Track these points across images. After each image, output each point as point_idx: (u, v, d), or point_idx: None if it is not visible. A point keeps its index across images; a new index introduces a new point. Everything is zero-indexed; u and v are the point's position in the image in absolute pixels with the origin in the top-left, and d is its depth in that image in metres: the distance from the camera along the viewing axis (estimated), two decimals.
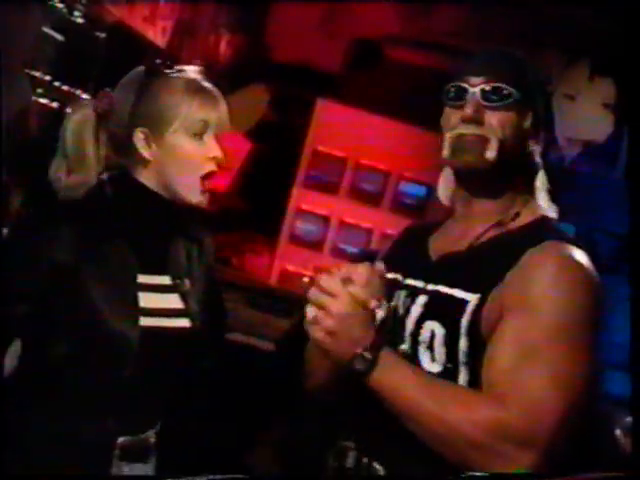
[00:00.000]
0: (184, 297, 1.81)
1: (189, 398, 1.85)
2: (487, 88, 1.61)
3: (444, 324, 1.57)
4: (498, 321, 1.50)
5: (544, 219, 1.64)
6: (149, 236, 1.81)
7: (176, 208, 1.79)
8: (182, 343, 1.80)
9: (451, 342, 1.56)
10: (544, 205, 1.67)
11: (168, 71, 1.79)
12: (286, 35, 5.23)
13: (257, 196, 4.98)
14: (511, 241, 1.60)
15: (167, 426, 1.79)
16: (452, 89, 1.62)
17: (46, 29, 3.79)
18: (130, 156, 1.78)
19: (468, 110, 1.60)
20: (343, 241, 4.93)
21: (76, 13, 3.97)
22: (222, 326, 2.04)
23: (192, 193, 1.77)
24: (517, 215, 1.64)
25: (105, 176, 1.80)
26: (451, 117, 1.63)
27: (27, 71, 3.74)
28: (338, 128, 4.95)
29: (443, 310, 1.58)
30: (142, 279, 1.77)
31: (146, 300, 1.76)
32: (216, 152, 1.76)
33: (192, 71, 1.81)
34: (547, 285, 1.48)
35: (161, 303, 1.79)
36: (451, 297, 1.58)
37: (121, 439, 1.70)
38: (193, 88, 1.76)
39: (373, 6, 5.03)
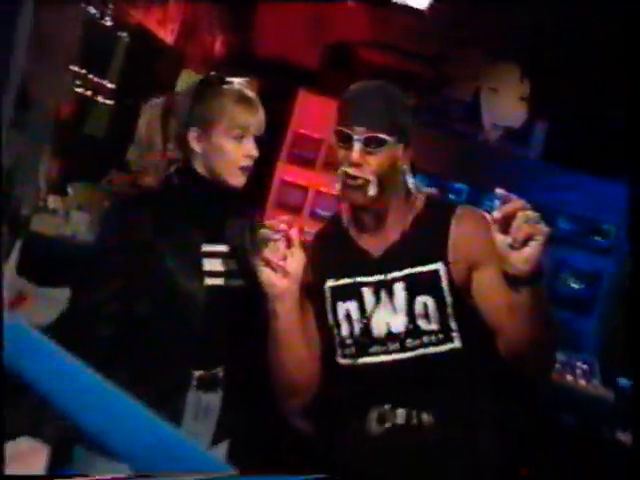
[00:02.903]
0: (239, 261, 1.94)
1: (247, 342, 1.97)
2: (368, 138, 1.74)
3: (431, 294, 1.76)
4: (463, 270, 1.72)
5: (432, 196, 1.90)
6: (208, 214, 1.92)
7: (225, 191, 1.91)
8: (239, 298, 1.92)
9: (440, 304, 1.75)
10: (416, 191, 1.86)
11: (219, 82, 1.92)
12: (274, 37, 5.60)
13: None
14: (428, 218, 1.81)
15: (232, 364, 1.94)
16: (341, 133, 1.76)
17: (82, 30, 4.28)
18: (187, 150, 1.90)
19: (354, 155, 1.74)
20: (319, 206, 5.35)
21: (106, 17, 4.53)
22: None
23: (232, 179, 1.88)
24: (412, 204, 1.83)
25: (172, 169, 1.95)
26: (339, 155, 1.77)
27: (70, 67, 4.31)
28: (316, 115, 5.28)
29: (425, 284, 1.76)
30: (205, 248, 1.90)
31: (209, 264, 1.89)
32: (252, 152, 1.88)
33: (238, 82, 1.92)
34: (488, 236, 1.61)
35: (221, 266, 1.91)
36: (423, 273, 1.76)
37: (197, 373, 1.87)
38: (236, 97, 1.87)
39: (347, 16, 5.45)
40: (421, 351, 1.77)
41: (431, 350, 1.77)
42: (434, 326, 1.76)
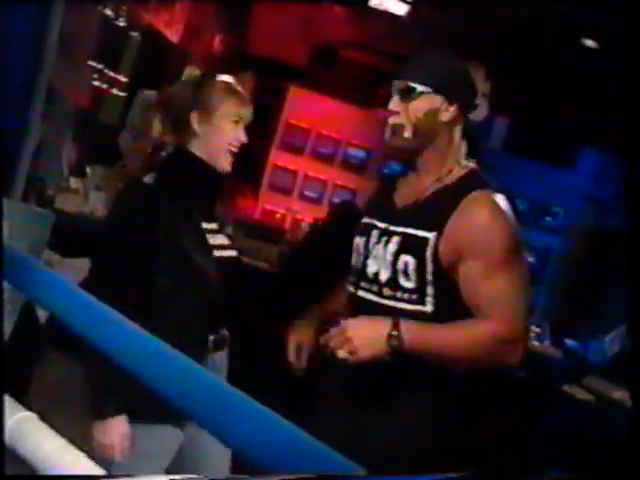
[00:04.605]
0: (228, 236, 2.08)
1: (244, 304, 2.11)
2: (401, 87, 1.85)
3: (414, 256, 1.82)
4: (451, 251, 1.77)
5: (472, 172, 1.86)
6: (203, 194, 2.04)
7: (217, 172, 2.01)
8: (234, 267, 2.09)
9: (420, 268, 1.82)
10: (466, 162, 1.88)
11: (214, 77, 2.06)
12: (268, 37, 5.88)
13: (245, 157, 5.43)
14: (451, 191, 1.83)
15: (233, 324, 2.07)
16: (388, 95, 1.89)
17: (99, 30, 4.56)
18: (186, 131, 2.00)
19: (391, 104, 1.86)
20: (307, 189, 5.82)
21: (120, 18, 4.81)
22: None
23: (221, 162, 2.00)
24: (450, 171, 1.86)
25: (164, 154, 2.04)
26: (388, 111, 1.88)
27: (89, 62, 4.63)
28: (305, 107, 5.77)
29: (412, 246, 1.82)
30: (204, 225, 2.01)
31: (212, 239, 2.00)
32: (242, 137, 2.00)
33: (227, 78, 2.05)
34: (486, 230, 1.76)
35: (217, 241, 2.03)
36: (416, 236, 1.82)
37: (212, 337, 2.01)
38: (230, 89, 2.02)
39: (332, 20, 5.74)
40: (392, 303, 1.85)
41: (402, 306, 1.84)
42: (411, 285, 1.82)
